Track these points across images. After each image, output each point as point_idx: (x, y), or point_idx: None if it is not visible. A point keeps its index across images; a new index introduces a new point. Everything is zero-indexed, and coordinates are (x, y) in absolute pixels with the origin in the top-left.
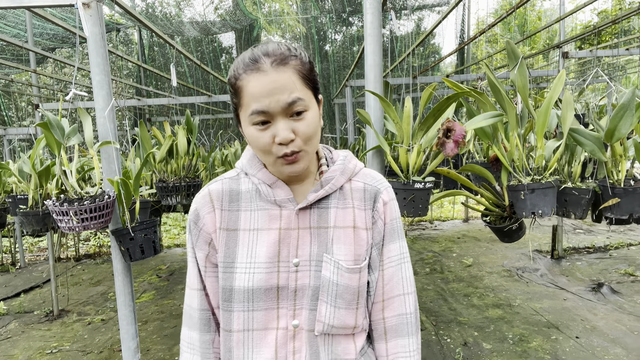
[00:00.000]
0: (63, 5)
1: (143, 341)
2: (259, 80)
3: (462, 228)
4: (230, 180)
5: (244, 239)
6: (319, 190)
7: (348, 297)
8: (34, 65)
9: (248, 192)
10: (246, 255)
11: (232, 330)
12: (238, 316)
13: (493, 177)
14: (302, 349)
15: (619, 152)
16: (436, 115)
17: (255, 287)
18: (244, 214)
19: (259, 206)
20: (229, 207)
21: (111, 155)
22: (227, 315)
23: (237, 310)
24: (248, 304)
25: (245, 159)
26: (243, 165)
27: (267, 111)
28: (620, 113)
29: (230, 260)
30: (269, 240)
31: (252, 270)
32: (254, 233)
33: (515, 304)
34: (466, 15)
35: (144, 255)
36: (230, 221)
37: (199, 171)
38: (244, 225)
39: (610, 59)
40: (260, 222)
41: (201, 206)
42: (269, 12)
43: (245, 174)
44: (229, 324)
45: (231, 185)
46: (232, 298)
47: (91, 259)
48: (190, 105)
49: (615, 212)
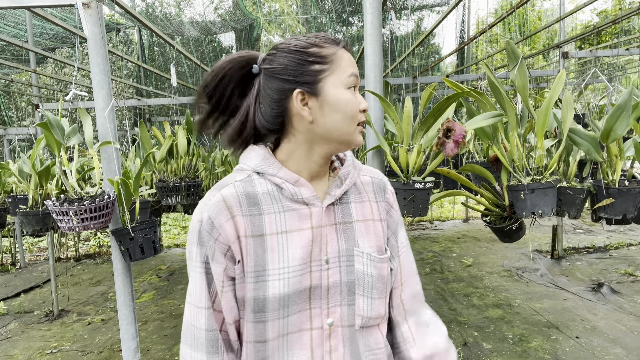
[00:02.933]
0: (63, 5)
1: (143, 341)
2: (345, 52)
3: (462, 228)
4: (243, 183)
5: (272, 243)
6: (340, 186)
7: (380, 287)
8: (34, 65)
9: (267, 193)
10: (277, 261)
11: (267, 340)
12: (273, 325)
13: (493, 177)
14: (338, 347)
15: (614, 152)
16: (436, 115)
17: (290, 292)
18: (267, 218)
19: (286, 207)
20: (250, 212)
21: (111, 155)
22: (260, 326)
23: (272, 319)
24: (283, 310)
25: (257, 159)
26: (256, 165)
27: (357, 77)
28: (616, 114)
29: (261, 269)
30: (302, 241)
31: (286, 276)
32: (283, 236)
33: (515, 304)
34: (466, 15)
35: (144, 255)
36: (255, 227)
37: (199, 171)
38: (269, 229)
39: (610, 59)
40: (289, 223)
41: (216, 214)
42: (269, 12)
43: (258, 175)
44: (262, 334)
45: (245, 188)
46: (266, 308)
47: (91, 259)
48: (190, 105)
49: (610, 212)
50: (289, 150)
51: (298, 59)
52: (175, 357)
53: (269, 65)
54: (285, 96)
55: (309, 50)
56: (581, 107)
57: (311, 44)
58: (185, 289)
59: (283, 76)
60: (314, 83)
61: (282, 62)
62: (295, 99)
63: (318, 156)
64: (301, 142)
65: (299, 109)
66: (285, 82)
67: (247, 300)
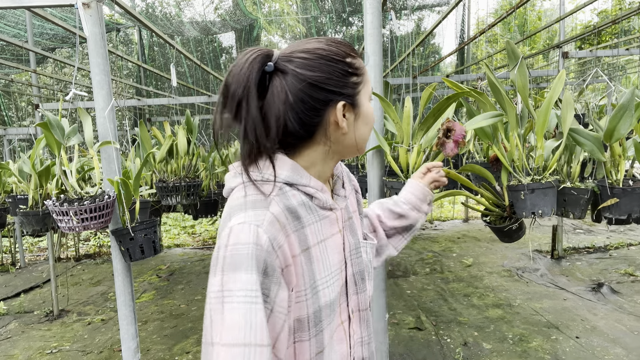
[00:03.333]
0: (63, 5)
1: (143, 341)
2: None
3: (462, 228)
4: (279, 197)
5: (316, 254)
6: (342, 185)
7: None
8: (34, 65)
9: (302, 204)
10: (322, 270)
11: (324, 349)
12: (327, 331)
13: (493, 177)
14: (357, 330)
15: (617, 152)
16: (436, 115)
17: (335, 297)
18: (309, 229)
19: (321, 215)
20: (296, 227)
21: (111, 155)
22: (319, 337)
23: (325, 327)
24: (331, 315)
25: (287, 170)
26: (287, 176)
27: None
28: (619, 113)
29: (313, 282)
30: (336, 245)
31: (330, 282)
32: (322, 245)
33: (515, 304)
34: (466, 15)
35: (144, 255)
36: (301, 242)
37: (199, 171)
38: (312, 240)
39: (610, 59)
40: (324, 231)
41: (274, 235)
42: (269, 12)
43: (289, 186)
44: (321, 344)
45: (284, 202)
46: (322, 317)
47: (91, 259)
48: (190, 105)
49: (614, 212)
50: (311, 158)
51: (341, 70)
52: (175, 357)
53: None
54: (327, 106)
55: (347, 61)
56: (581, 107)
57: (346, 53)
58: (185, 289)
59: (328, 86)
60: (353, 96)
61: (325, 71)
62: (339, 110)
63: (334, 162)
64: (326, 151)
65: (340, 120)
66: (330, 93)
67: (307, 317)
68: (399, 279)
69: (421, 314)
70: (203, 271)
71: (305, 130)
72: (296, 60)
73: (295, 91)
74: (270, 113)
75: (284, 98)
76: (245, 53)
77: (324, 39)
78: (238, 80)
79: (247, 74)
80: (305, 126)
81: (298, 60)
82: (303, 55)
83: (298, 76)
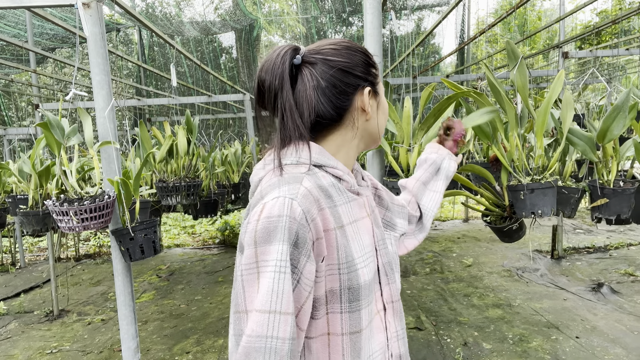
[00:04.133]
0: (63, 5)
1: (143, 341)
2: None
3: (462, 228)
4: (309, 176)
5: (351, 233)
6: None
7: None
8: (34, 65)
9: (332, 185)
10: (359, 249)
11: (362, 330)
12: (365, 312)
13: (493, 177)
14: (392, 322)
15: (610, 153)
16: (437, 115)
17: (371, 279)
18: (341, 209)
19: (350, 197)
20: (329, 204)
21: (111, 155)
22: (355, 315)
23: (364, 307)
24: (369, 296)
25: (315, 152)
26: (316, 159)
27: None
28: (613, 114)
29: (350, 259)
30: (367, 227)
31: (367, 263)
32: (354, 225)
33: (515, 304)
34: (466, 15)
35: (144, 255)
36: (336, 218)
37: (199, 171)
38: (345, 220)
39: (610, 59)
40: (354, 212)
41: (308, 207)
42: (269, 12)
43: (318, 168)
44: (358, 324)
45: (316, 181)
46: (360, 296)
47: (91, 259)
48: (190, 105)
49: (604, 212)
50: (337, 144)
51: (364, 60)
52: (175, 357)
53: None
54: (355, 90)
55: (367, 54)
56: (581, 107)
57: (365, 49)
58: (185, 289)
59: (356, 72)
60: (375, 84)
61: (352, 59)
62: (366, 95)
63: (358, 151)
64: (352, 136)
65: (366, 104)
66: (357, 78)
67: (341, 291)
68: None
69: (421, 314)
70: (203, 271)
71: (337, 113)
72: (325, 50)
73: (326, 77)
74: (301, 100)
75: (316, 84)
76: (275, 49)
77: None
78: (273, 74)
79: (280, 67)
80: (336, 109)
81: (327, 50)
82: (331, 46)
83: (329, 63)
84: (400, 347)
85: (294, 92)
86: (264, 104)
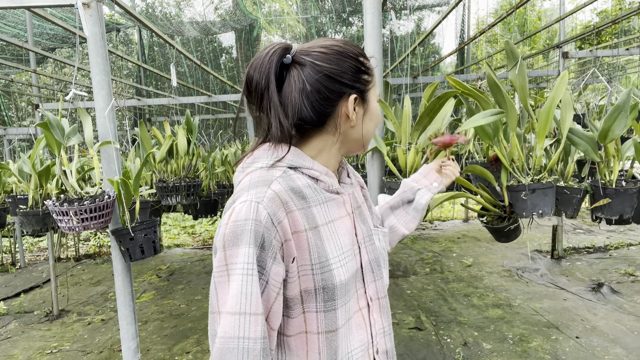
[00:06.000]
0: (63, 5)
1: (143, 341)
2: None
3: (462, 228)
4: (283, 178)
5: (326, 233)
6: (348, 175)
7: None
8: (34, 65)
9: (307, 186)
10: (335, 249)
11: (337, 329)
12: (341, 312)
13: (493, 177)
14: (378, 319)
15: (611, 152)
16: (430, 114)
17: (349, 278)
18: (316, 209)
19: (326, 197)
20: (302, 206)
21: (111, 155)
22: (331, 315)
23: (340, 306)
24: (346, 296)
25: (291, 154)
26: (291, 160)
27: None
28: (614, 114)
29: (324, 259)
30: (346, 227)
31: (344, 262)
32: (331, 225)
33: (515, 304)
34: (466, 15)
35: (144, 255)
36: (309, 219)
37: (199, 171)
38: (320, 220)
39: (610, 59)
40: (332, 212)
41: (274, 210)
42: (269, 12)
43: (293, 170)
44: (333, 324)
45: (288, 183)
46: (335, 296)
47: (91, 259)
48: (190, 105)
49: (606, 212)
50: (318, 148)
51: (354, 66)
52: (175, 357)
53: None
54: (340, 97)
55: (360, 60)
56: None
57: (359, 53)
58: (185, 289)
59: (342, 79)
60: (364, 92)
61: (341, 65)
62: (350, 102)
63: (341, 155)
64: (334, 141)
65: (350, 112)
66: (343, 85)
67: (315, 291)
68: (399, 279)
69: (421, 313)
70: (203, 271)
71: (319, 119)
72: (314, 53)
73: (312, 81)
74: (286, 101)
75: (301, 87)
76: (266, 47)
77: (339, 39)
78: (260, 72)
79: (267, 66)
80: (318, 115)
81: (316, 53)
82: (321, 49)
83: (316, 67)
84: (387, 342)
85: (281, 93)
86: (251, 101)
